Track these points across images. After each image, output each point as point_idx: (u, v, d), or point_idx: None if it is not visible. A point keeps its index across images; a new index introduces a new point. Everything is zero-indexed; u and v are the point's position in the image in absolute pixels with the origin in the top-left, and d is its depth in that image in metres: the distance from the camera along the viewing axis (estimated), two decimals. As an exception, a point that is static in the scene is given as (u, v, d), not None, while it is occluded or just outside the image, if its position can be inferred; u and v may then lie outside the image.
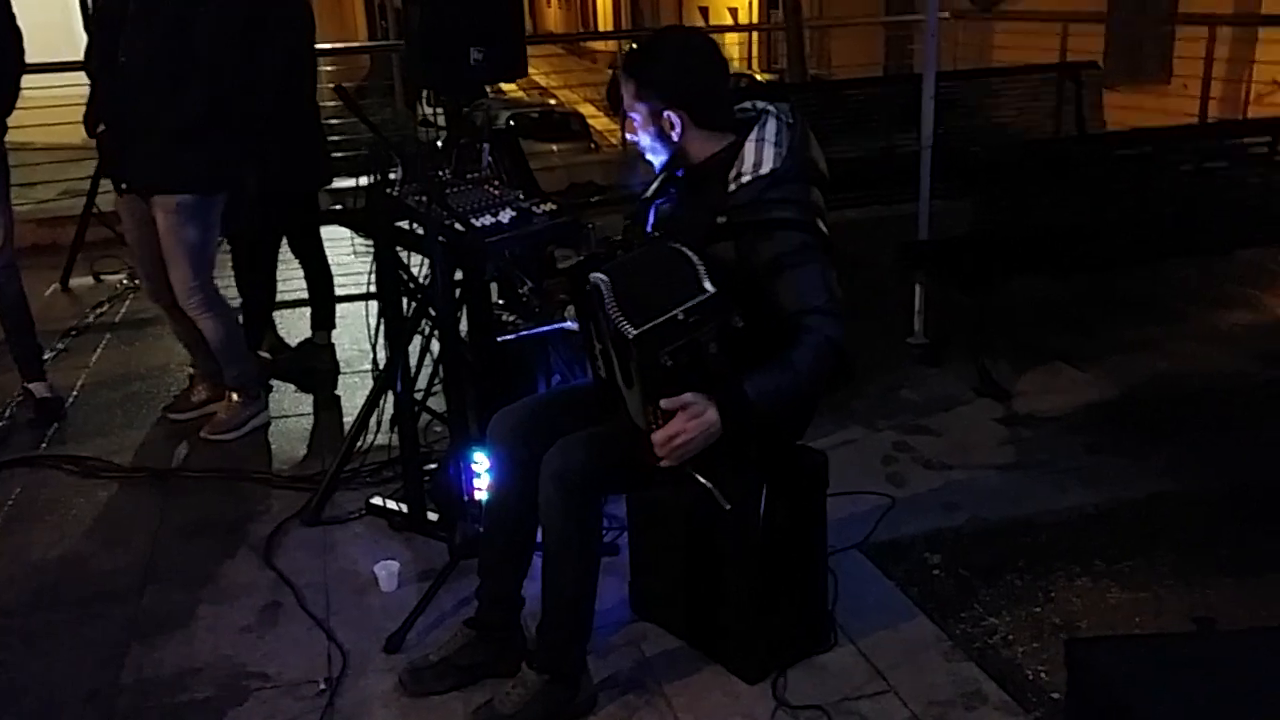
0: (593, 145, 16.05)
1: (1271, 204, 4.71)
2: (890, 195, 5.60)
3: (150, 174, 3.73)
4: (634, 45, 2.50)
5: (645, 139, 2.40)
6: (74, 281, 6.32)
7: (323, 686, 2.62)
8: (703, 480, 2.26)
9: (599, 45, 26.11)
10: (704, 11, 28.03)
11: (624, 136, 2.64)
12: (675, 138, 2.36)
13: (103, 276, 6.38)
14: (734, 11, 25.48)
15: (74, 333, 5.39)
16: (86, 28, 6.24)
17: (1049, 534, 3.22)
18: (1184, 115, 7.93)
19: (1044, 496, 3.43)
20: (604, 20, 39.26)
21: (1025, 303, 4.98)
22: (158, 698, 2.62)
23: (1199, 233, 4.68)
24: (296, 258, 4.61)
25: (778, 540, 2.53)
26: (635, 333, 2.10)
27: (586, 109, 19.55)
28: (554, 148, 11.41)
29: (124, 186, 3.85)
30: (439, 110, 3.83)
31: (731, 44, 18.54)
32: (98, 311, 5.76)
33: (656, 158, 2.43)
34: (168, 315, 4.13)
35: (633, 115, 2.39)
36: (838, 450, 3.65)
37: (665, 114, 2.34)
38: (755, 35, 19.04)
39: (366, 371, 4.62)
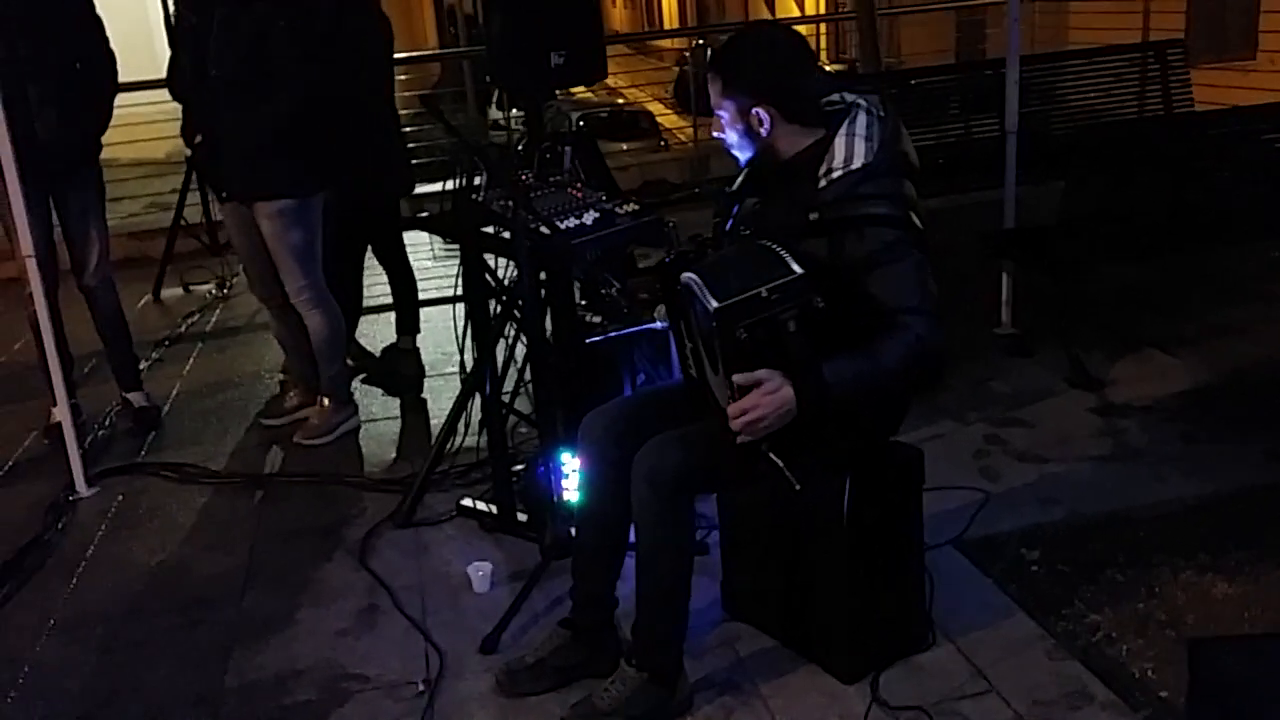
0: (662, 143, 16.08)
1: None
2: (968, 183, 5.52)
3: (248, 182, 3.84)
4: (699, 42, 2.49)
5: (733, 136, 2.38)
6: (164, 293, 6.51)
7: (421, 688, 2.65)
8: (775, 458, 2.23)
9: (665, 44, 26.10)
10: (770, 4, 27.88)
11: (696, 134, 2.62)
12: (764, 134, 2.34)
13: (191, 287, 6.56)
14: (800, 2, 25.30)
15: (167, 343, 5.54)
16: (171, 45, 6.47)
17: (1150, 527, 3.14)
18: (1271, 91, 7.71)
19: (1143, 488, 3.35)
20: (669, 18, 39.20)
21: (1114, 289, 4.87)
22: (262, 701, 2.68)
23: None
24: (380, 264, 4.68)
25: (870, 537, 2.50)
26: (716, 305, 2.09)
27: (655, 107, 19.58)
28: (624, 146, 11.45)
29: (224, 195, 3.95)
30: (511, 114, 3.95)
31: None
32: (189, 321, 5.92)
33: (743, 154, 2.41)
34: (273, 316, 4.23)
35: (720, 113, 2.38)
36: (927, 445, 3.51)
37: (754, 110, 2.32)
38: (823, 26, 18.85)
39: (451, 374, 4.68)
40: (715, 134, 2.43)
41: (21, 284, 3.86)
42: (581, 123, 10.40)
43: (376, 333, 5.11)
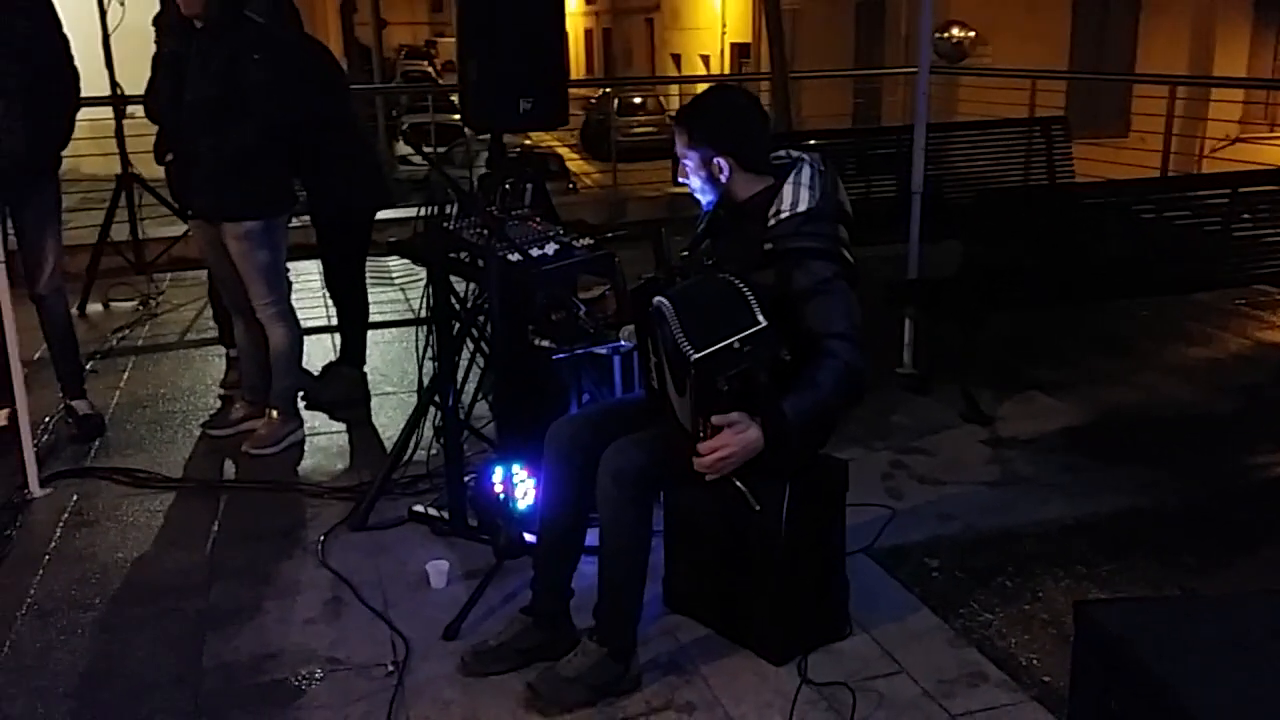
0: (571, 185, 16.49)
1: (1227, 251, 5.12)
2: (867, 238, 5.94)
3: (217, 204, 4.05)
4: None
5: (696, 181, 2.75)
6: (89, 308, 6.56)
7: (391, 668, 2.89)
8: (738, 484, 2.58)
9: (572, 91, 26.55)
10: (676, 59, 28.69)
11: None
12: (723, 180, 2.71)
13: (113, 303, 6.63)
14: (706, 59, 26.13)
15: (98, 355, 5.63)
16: (108, 65, 6.60)
17: (1034, 542, 3.56)
18: (1141, 167, 8.44)
19: (1028, 509, 3.78)
20: (576, 67, 39.79)
21: (1004, 337, 5.36)
22: (240, 679, 2.88)
23: (1159, 275, 5.09)
24: (329, 290, 4.90)
25: (802, 537, 2.85)
26: (696, 356, 2.42)
27: (563, 151, 20.01)
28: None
29: (190, 212, 4.16)
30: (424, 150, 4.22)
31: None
32: (118, 336, 6.01)
33: (706, 198, 2.77)
34: (240, 325, 4.41)
35: (685, 161, 2.74)
36: None
37: (715, 159, 2.69)
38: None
39: (389, 393, 4.92)
40: (680, 180, 2.78)
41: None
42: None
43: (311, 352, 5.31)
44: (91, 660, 2.98)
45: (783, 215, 2.66)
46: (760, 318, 2.46)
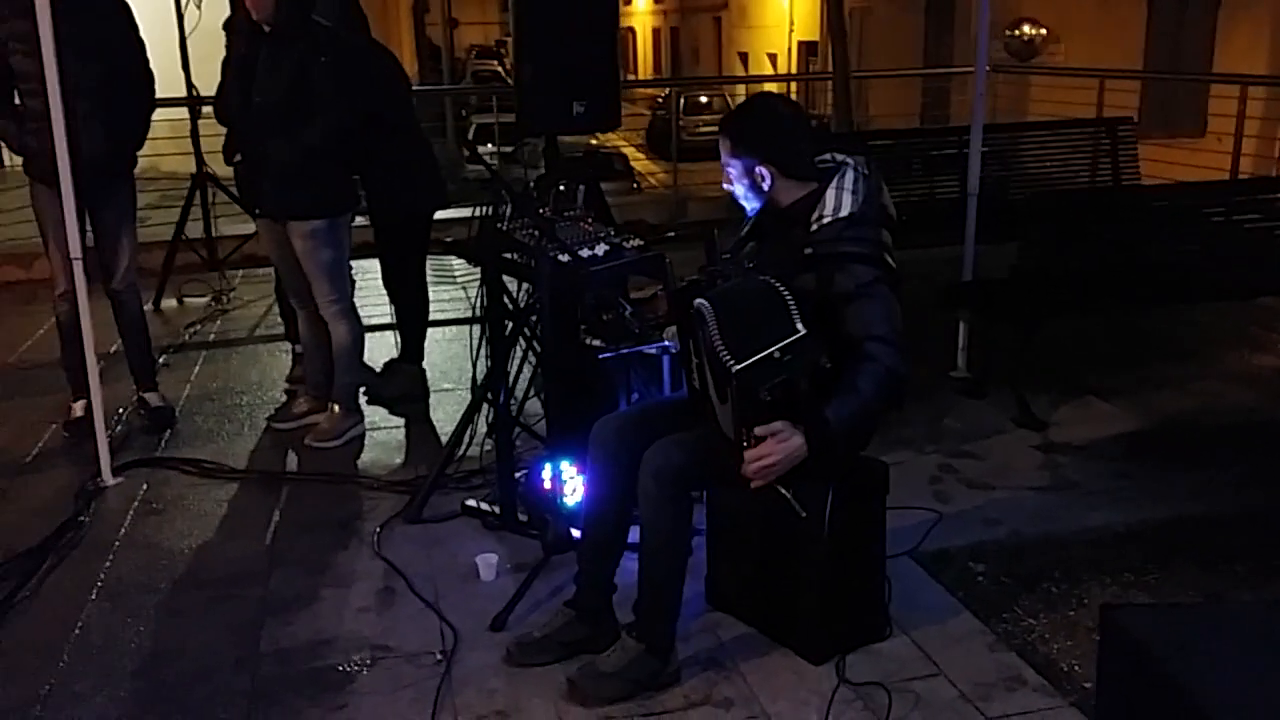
0: (635, 185, 16.57)
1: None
2: (928, 240, 5.93)
3: (283, 203, 4.21)
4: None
5: (739, 189, 2.79)
6: (163, 303, 6.78)
7: (439, 657, 2.99)
8: (784, 491, 2.63)
9: (639, 91, 26.71)
10: (743, 57, 28.64)
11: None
12: (765, 188, 2.75)
13: (186, 299, 6.85)
14: (773, 58, 26.06)
15: (171, 350, 5.82)
16: (184, 67, 6.81)
17: (1081, 549, 3.55)
18: (1217, 169, 8.28)
19: (1077, 516, 3.77)
20: (643, 66, 39.93)
21: (1060, 341, 5.31)
22: (296, 664, 3.00)
23: (1223, 279, 5.02)
24: (387, 289, 5.03)
25: (843, 538, 2.88)
26: (738, 368, 2.47)
27: (629, 151, 20.11)
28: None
29: (258, 211, 4.31)
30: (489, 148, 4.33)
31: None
32: (190, 331, 6.21)
33: (750, 204, 2.82)
34: (304, 321, 4.55)
35: (728, 169, 2.78)
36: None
37: (757, 169, 2.74)
38: (793, 85, 19.52)
39: (446, 390, 5.03)
40: (725, 186, 2.83)
41: (45, 286, 4.12)
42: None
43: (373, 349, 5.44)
44: (156, 642, 3.12)
45: (825, 220, 2.69)
46: (799, 325, 2.50)
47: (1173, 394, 4.90)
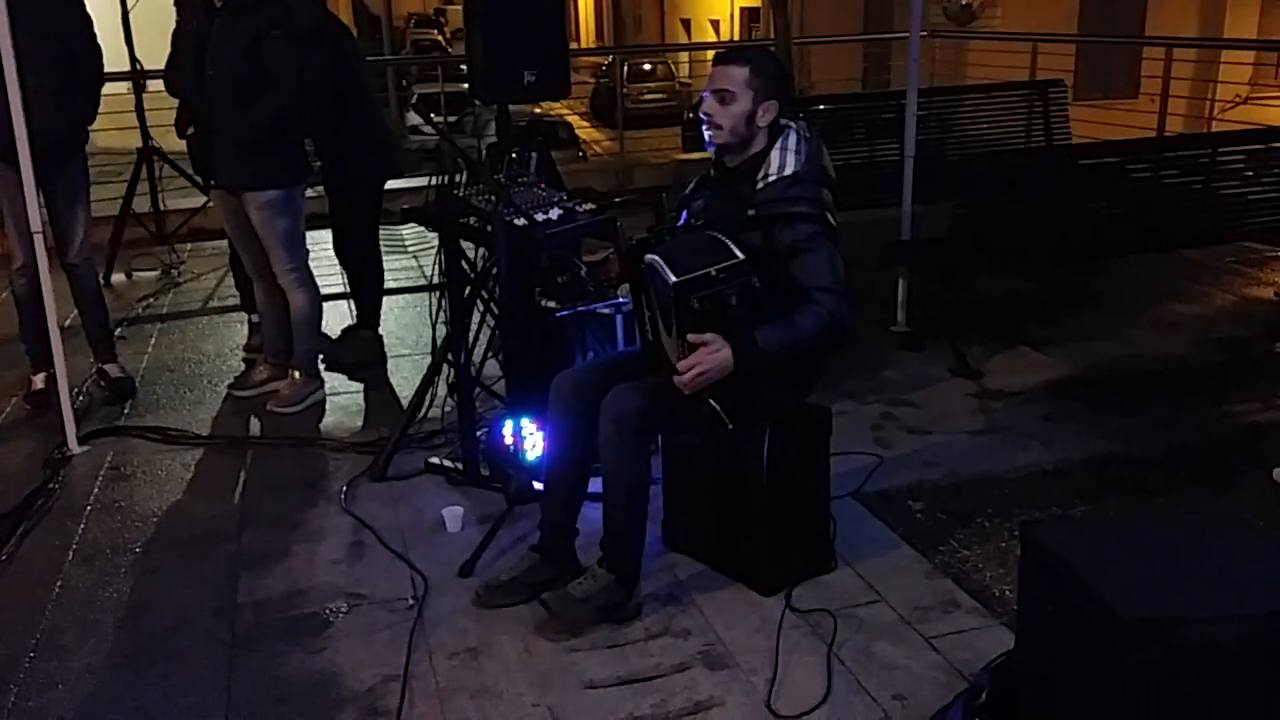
0: (580, 153, 16.62)
1: (1210, 209, 5.30)
2: (870, 201, 6.12)
3: (238, 174, 4.28)
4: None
5: (727, 120, 2.90)
6: (113, 277, 6.80)
7: (411, 602, 3.14)
8: (714, 403, 2.80)
9: (582, 60, 26.63)
10: (686, 24, 28.66)
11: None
12: (761, 123, 2.90)
13: (135, 273, 6.88)
14: (715, 24, 26.14)
15: (125, 323, 5.87)
16: (128, 41, 6.79)
17: (1012, 486, 3.78)
18: (1149, 129, 8.55)
19: (1009, 456, 4.00)
20: (586, 34, 39.74)
21: (995, 295, 5.56)
22: (274, 612, 3.13)
23: (1147, 233, 5.27)
24: (339, 257, 5.13)
25: (790, 479, 3.07)
26: (675, 280, 2.64)
27: (573, 119, 20.13)
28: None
29: (213, 182, 4.38)
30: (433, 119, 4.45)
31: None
32: (143, 304, 6.25)
33: (720, 140, 2.94)
34: (261, 291, 4.64)
35: (730, 96, 2.89)
36: (833, 420, 4.19)
37: (765, 102, 2.90)
38: (737, 49, 19.58)
39: (404, 355, 5.15)
40: (705, 112, 2.93)
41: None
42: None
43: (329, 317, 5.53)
44: (135, 597, 3.24)
45: (770, 178, 2.87)
46: (738, 253, 2.67)
47: (1102, 343, 5.15)
